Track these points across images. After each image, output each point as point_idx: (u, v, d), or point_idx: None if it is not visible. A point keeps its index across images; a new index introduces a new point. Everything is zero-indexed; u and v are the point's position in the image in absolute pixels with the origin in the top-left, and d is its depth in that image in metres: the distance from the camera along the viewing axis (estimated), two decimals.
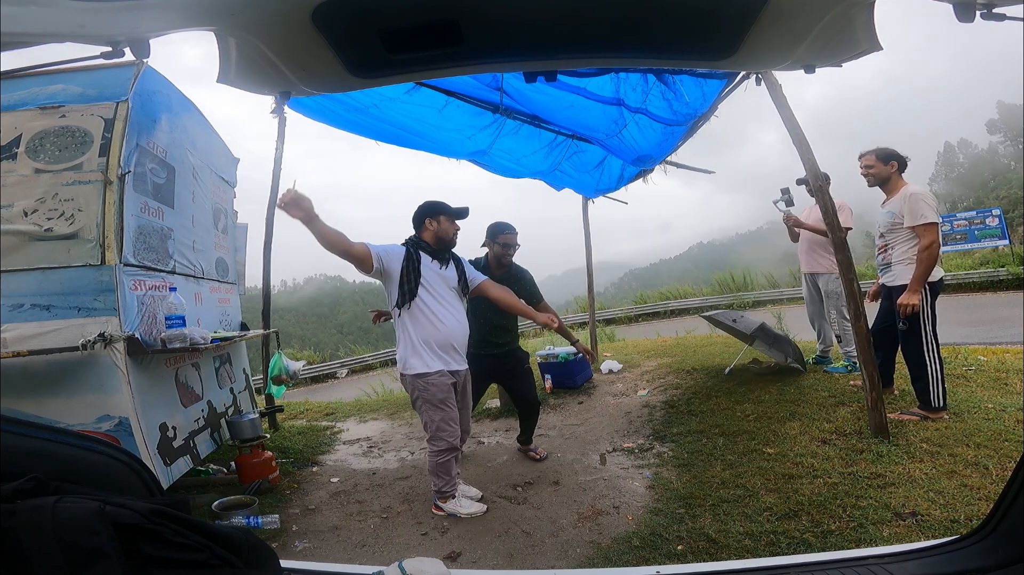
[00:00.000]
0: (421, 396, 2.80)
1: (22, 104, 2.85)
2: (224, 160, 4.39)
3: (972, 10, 0.94)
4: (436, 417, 2.81)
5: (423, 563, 1.01)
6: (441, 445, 2.84)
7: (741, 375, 5.02)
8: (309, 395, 9.88)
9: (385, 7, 1.05)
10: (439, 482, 2.94)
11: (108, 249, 2.73)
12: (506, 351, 3.57)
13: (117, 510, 0.56)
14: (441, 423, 2.82)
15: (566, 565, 2.41)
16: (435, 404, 2.80)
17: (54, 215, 2.74)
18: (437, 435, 2.83)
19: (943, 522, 2.24)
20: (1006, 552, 0.96)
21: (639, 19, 1.10)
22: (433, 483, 2.96)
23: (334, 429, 5.12)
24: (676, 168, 5.77)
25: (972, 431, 3.05)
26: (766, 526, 2.40)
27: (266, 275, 4.96)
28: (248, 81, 1.20)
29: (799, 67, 1.25)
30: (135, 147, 2.93)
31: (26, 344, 2.59)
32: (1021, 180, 34.02)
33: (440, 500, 2.96)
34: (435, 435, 2.84)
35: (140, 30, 0.97)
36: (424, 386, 2.78)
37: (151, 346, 2.90)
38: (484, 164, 5.34)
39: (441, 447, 2.85)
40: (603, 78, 3.50)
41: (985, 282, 12.91)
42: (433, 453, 2.88)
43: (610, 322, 16.23)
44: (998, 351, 4.99)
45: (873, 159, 3.50)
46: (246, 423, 3.55)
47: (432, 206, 2.94)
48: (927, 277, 3.23)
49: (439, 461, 2.88)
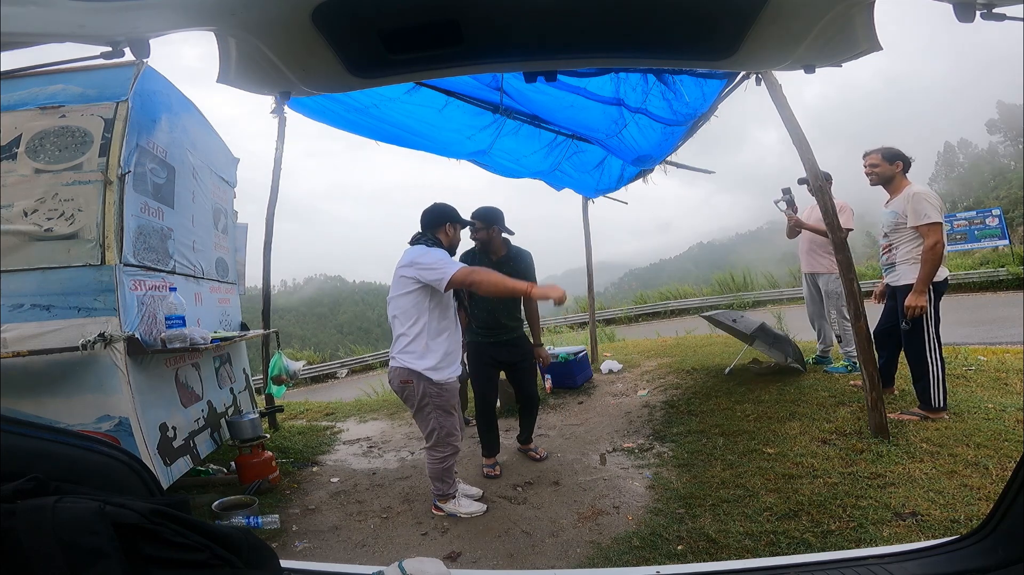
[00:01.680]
0: (433, 402, 2.73)
1: (22, 104, 2.84)
2: (224, 160, 4.39)
3: (972, 10, 0.94)
4: (447, 423, 2.78)
5: (423, 563, 1.01)
6: (448, 450, 2.82)
7: (741, 375, 5.02)
8: (309, 395, 9.88)
9: (385, 7, 1.05)
10: (442, 486, 2.92)
11: (108, 249, 2.73)
12: (516, 337, 3.54)
13: (117, 510, 0.56)
14: (452, 428, 2.80)
15: (566, 565, 2.41)
16: (447, 410, 2.77)
17: (54, 215, 2.74)
18: (446, 440, 2.80)
19: (943, 522, 2.24)
20: (1006, 552, 0.96)
21: (639, 19, 1.10)
22: (435, 487, 2.93)
23: (334, 429, 5.12)
24: (676, 168, 5.78)
25: (972, 431, 3.05)
26: (766, 526, 2.40)
27: (266, 275, 4.95)
28: (248, 81, 1.20)
29: (799, 67, 1.25)
30: (135, 147, 2.93)
31: (26, 344, 2.59)
32: (1021, 180, 34.03)
33: (440, 501, 2.96)
34: (443, 440, 2.79)
35: (140, 30, 0.97)
36: (438, 392, 2.72)
37: (151, 346, 2.90)
38: (484, 164, 5.34)
39: (448, 452, 2.83)
40: (603, 78, 3.50)
41: (985, 282, 12.93)
42: (438, 459, 2.84)
43: (610, 322, 16.23)
44: (998, 351, 4.99)
45: (878, 158, 3.49)
46: (246, 423, 3.55)
47: (454, 213, 2.91)
48: (932, 277, 3.23)
49: (445, 466, 2.87)
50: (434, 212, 2.91)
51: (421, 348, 2.69)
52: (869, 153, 3.55)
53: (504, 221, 3.43)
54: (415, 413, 2.82)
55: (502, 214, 3.44)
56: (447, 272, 2.59)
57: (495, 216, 3.40)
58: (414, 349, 2.70)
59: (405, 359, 2.70)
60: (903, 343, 3.46)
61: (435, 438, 2.79)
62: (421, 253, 2.69)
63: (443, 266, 2.61)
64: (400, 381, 2.74)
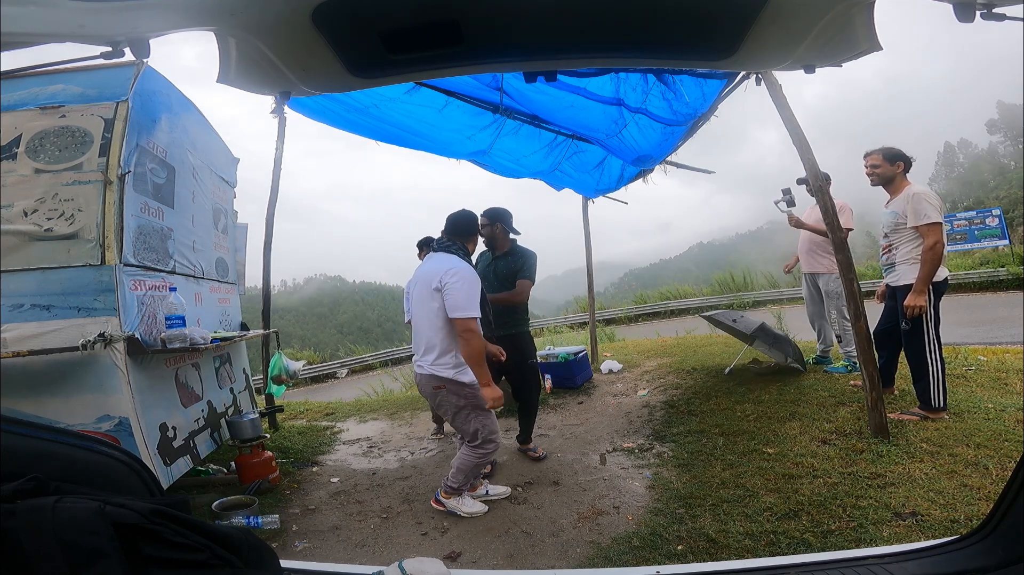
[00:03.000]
0: (469, 403, 2.79)
1: (22, 104, 2.84)
2: (224, 160, 4.39)
3: (972, 10, 0.94)
4: (488, 422, 2.84)
5: (423, 563, 1.01)
6: (491, 447, 2.86)
7: (741, 375, 5.02)
8: (309, 395, 9.88)
9: (385, 7, 1.05)
10: (465, 479, 2.92)
11: (108, 249, 2.73)
12: (515, 334, 3.56)
13: (117, 510, 0.56)
14: (493, 426, 2.86)
15: (566, 565, 2.41)
16: (483, 409, 2.82)
17: (54, 215, 2.74)
18: (490, 438, 2.84)
19: (943, 522, 2.24)
20: (1006, 552, 0.96)
21: (639, 19, 1.10)
22: (453, 479, 2.92)
23: (334, 429, 5.12)
24: (676, 168, 5.78)
25: (972, 431, 3.05)
26: (766, 526, 2.40)
27: (266, 275, 4.96)
28: (248, 81, 1.20)
29: (799, 67, 1.25)
30: (135, 147, 2.93)
31: (26, 344, 2.58)
32: (1021, 180, 34.02)
33: (445, 495, 2.95)
34: (488, 438, 2.84)
35: (140, 30, 0.97)
36: (472, 393, 2.77)
37: (151, 346, 2.90)
38: (484, 164, 5.34)
39: (491, 449, 2.87)
40: (603, 78, 3.50)
41: (985, 282, 12.94)
42: (481, 455, 2.86)
43: (610, 322, 16.23)
44: (998, 351, 4.99)
45: (879, 158, 3.48)
46: (246, 423, 3.55)
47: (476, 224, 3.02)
48: (932, 277, 3.23)
49: (484, 462, 2.93)
50: (466, 222, 2.98)
51: (450, 355, 2.74)
52: (870, 154, 3.55)
53: (511, 221, 3.61)
54: (454, 418, 2.87)
55: (510, 214, 3.63)
56: (466, 314, 2.64)
57: (500, 214, 3.59)
58: (445, 359, 2.75)
59: (436, 369, 2.76)
60: (903, 343, 3.46)
61: (481, 437, 2.83)
62: (456, 274, 2.68)
63: (466, 306, 2.66)
64: (432, 387, 2.81)
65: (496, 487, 3.19)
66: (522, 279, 3.58)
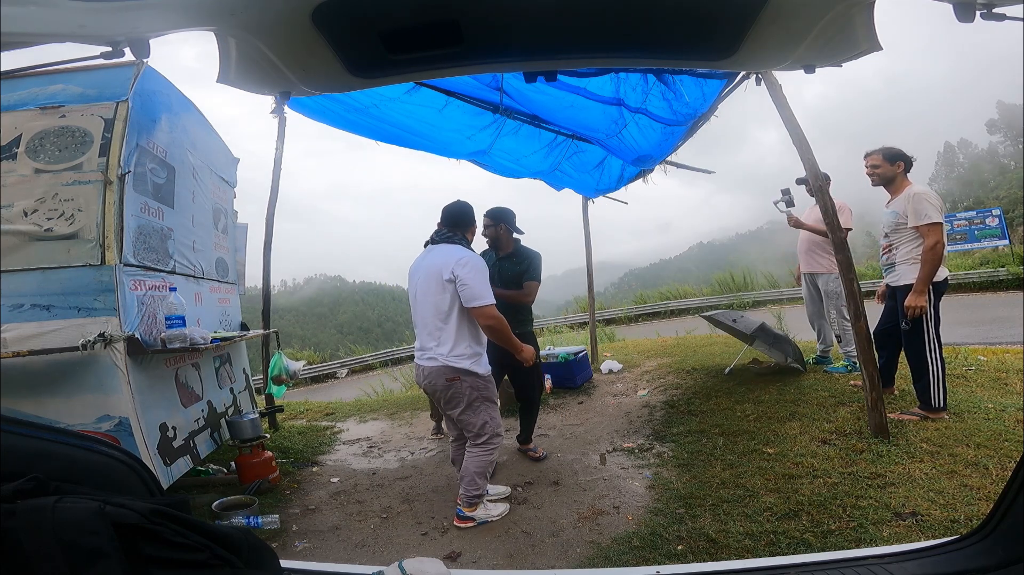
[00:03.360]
0: (481, 395, 2.75)
1: (22, 104, 2.84)
2: (224, 160, 4.39)
3: (972, 10, 0.94)
4: (496, 415, 2.82)
5: (423, 563, 1.01)
6: (498, 442, 2.82)
7: (741, 375, 5.02)
8: (309, 395, 9.88)
9: (385, 7, 1.05)
10: (481, 483, 2.83)
11: (108, 249, 2.73)
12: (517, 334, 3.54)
13: (117, 510, 0.56)
14: (499, 419, 2.84)
15: (566, 565, 2.41)
16: (494, 401, 2.81)
17: (54, 215, 2.74)
18: (497, 431, 2.80)
19: (943, 522, 2.24)
20: (1006, 552, 0.96)
21: (639, 19, 1.10)
22: (468, 489, 2.80)
23: (334, 429, 5.12)
24: (676, 168, 5.78)
25: (972, 431, 3.05)
26: (766, 526, 2.40)
27: (266, 275, 4.96)
28: (248, 81, 1.20)
29: (799, 67, 1.25)
30: (135, 147, 2.93)
31: (26, 344, 2.58)
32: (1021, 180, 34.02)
33: (468, 509, 2.82)
34: (496, 432, 2.79)
35: (140, 30, 0.97)
36: (485, 384, 2.76)
37: (151, 346, 2.90)
38: (484, 164, 5.34)
39: (497, 444, 2.82)
40: (603, 78, 3.50)
41: (985, 282, 12.95)
42: (488, 451, 2.79)
43: (610, 322, 16.24)
44: (998, 351, 4.99)
45: (880, 159, 3.48)
46: (246, 423, 3.55)
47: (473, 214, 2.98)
48: (932, 277, 3.23)
49: (492, 459, 2.86)
50: (463, 212, 2.95)
51: (463, 345, 2.71)
52: (870, 154, 3.55)
53: (514, 221, 3.62)
54: (465, 410, 2.76)
55: (513, 214, 3.62)
56: (483, 302, 2.64)
57: (503, 215, 3.59)
58: (460, 350, 2.70)
59: (453, 360, 2.70)
60: (903, 343, 3.46)
61: (488, 432, 2.78)
62: (466, 265, 2.66)
63: (483, 295, 2.65)
64: (446, 379, 2.72)
65: (496, 487, 3.18)
66: (530, 281, 3.58)
